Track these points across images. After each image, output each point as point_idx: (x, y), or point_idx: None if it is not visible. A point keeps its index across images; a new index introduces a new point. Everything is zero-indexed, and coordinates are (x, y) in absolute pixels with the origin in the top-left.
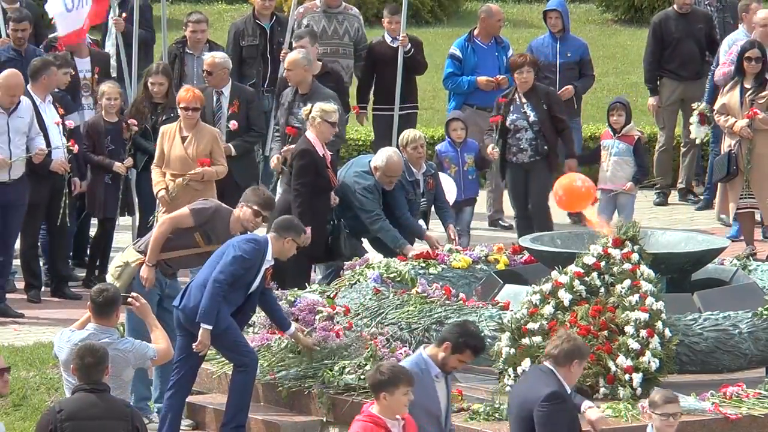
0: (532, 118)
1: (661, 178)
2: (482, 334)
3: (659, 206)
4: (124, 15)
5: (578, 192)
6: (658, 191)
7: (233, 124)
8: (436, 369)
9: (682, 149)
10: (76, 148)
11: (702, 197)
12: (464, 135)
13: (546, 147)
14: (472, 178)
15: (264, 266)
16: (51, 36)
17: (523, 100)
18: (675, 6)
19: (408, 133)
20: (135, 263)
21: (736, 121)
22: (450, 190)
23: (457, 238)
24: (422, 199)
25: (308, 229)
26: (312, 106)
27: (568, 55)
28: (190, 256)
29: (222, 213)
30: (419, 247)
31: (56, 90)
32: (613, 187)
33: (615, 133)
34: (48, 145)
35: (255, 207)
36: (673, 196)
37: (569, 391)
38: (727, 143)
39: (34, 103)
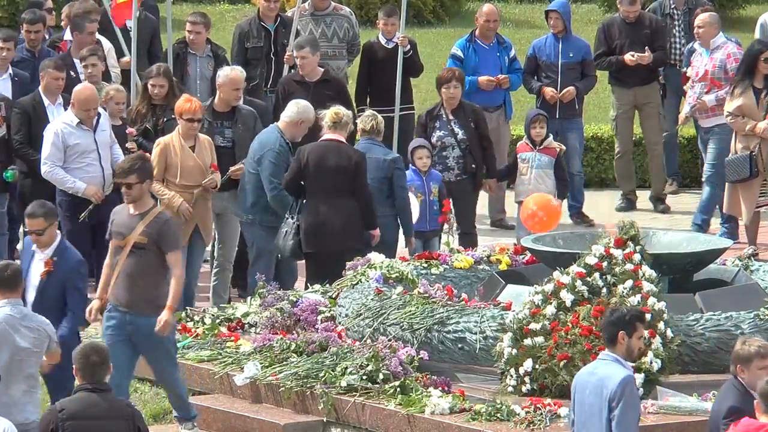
0: (460, 136)
1: (625, 185)
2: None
3: (622, 211)
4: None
5: (556, 212)
6: (622, 197)
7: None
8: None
9: (648, 155)
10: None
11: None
12: (429, 163)
13: (474, 165)
14: (437, 208)
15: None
16: (55, 36)
17: (450, 116)
18: (620, 14)
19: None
20: None
21: (756, 124)
22: (414, 212)
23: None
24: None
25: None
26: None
27: (570, 55)
28: None
29: None
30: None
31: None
32: None
33: (535, 145)
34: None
35: None
36: (643, 200)
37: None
38: (742, 144)
39: (42, 105)
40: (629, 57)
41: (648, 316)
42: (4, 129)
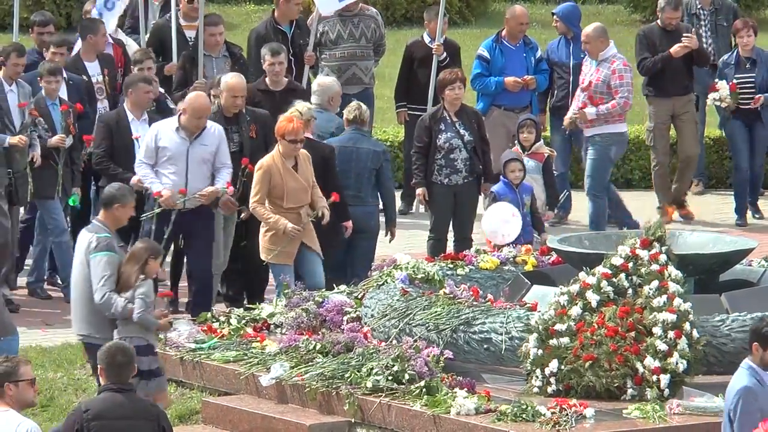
0: (466, 138)
1: (664, 197)
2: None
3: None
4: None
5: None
6: (659, 209)
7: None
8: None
9: (680, 164)
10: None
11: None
12: (522, 176)
13: (481, 166)
14: (529, 219)
15: None
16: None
17: (454, 119)
18: (659, 21)
19: None
20: None
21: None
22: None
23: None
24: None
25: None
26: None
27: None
28: None
29: None
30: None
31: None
32: None
33: (524, 150)
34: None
35: None
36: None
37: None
38: None
39: (126, 120)
40: (677, 47)
41: (674, 317)
42: (71, 139)
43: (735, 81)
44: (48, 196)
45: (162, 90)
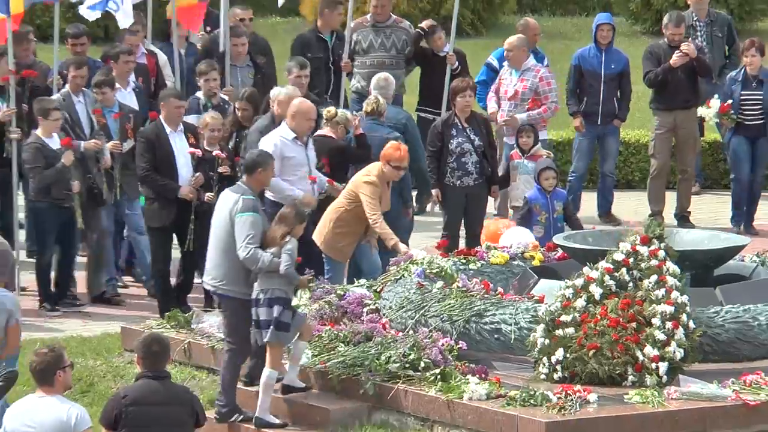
0: (477, 142)
1: (655, 204)
2: None
3: None
4: (209, 29)
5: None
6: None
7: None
8: None
9: (679, 176)
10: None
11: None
12: (555, 184)
13: (490, 169)
14: (560, 225)
15: None
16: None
17: (465, 124)
18: (666, 39)
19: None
20: None
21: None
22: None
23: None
24: None
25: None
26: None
27: (612, 66)
28: None
29: None
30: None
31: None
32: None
33: (523, 153)
34: (177, 176)
35: None
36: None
37: None
38: None
39: (165, 132)
40: (676, 56)
41: (671, 309)
42: (132, 141)
43: (742, 98)
44: (132, 197)
45: (225, 97)
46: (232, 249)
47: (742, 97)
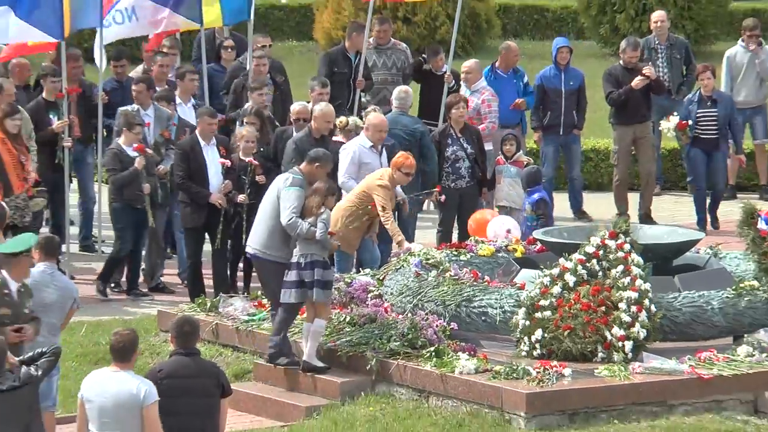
0: (469, 150)
1: (620, 206)
2: None
3: None
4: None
5: (481, 226)
6: (617, 216)
7: None
8: None
9: (642, 181)
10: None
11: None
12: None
13: (480, 173)
14: (530, 224)
15: None
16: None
17: (459, 134)
18: (622, 61)
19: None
20: None
21: None
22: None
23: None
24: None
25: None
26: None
27: (571, 83)
28: None
29: None
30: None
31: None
32: (508, 204)
33: (507, 159)
34: (208, 184)
35: None
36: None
37: None
38: None
39: (199, 145)
40: (637, 80)
41: (636, 295)
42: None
43: (698, 116)
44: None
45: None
46: (275, 219)
47: (698, 115)
